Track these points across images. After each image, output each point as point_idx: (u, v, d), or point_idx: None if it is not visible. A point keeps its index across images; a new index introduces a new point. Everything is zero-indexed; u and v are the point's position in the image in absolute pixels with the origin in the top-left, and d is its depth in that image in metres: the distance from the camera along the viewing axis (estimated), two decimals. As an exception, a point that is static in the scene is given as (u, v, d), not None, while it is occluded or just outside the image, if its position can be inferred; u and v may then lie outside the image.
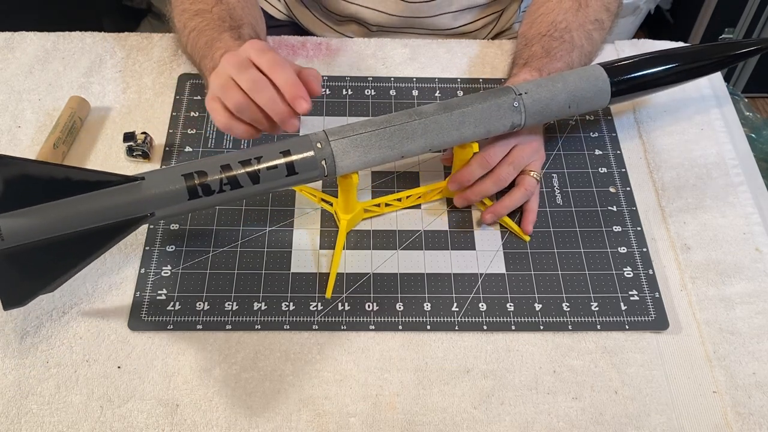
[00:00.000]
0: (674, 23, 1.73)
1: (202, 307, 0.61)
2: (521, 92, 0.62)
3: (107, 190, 0.54)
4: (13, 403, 0.55)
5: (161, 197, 0.54)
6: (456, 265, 0.64)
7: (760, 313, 0.62)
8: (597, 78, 0.65)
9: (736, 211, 0.69)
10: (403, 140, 0.59)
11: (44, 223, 0.52)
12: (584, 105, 0.65)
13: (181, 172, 0.55)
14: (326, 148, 0.57)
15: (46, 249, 0.53)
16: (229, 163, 0.55)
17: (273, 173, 0.56)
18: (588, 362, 0.59)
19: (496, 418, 0.56)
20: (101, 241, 0.54)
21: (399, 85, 0.78)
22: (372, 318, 0.61)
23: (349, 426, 0.55)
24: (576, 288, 0.63)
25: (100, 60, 0.79)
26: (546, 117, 0.64)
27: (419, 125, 0.59)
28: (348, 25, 0.90)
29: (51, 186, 0.53)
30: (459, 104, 0.61)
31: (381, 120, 0.59)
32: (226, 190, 0.55)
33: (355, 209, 0.64)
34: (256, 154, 0.56)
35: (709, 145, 0.74)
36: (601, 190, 0.70)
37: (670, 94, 0.78)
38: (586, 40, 0.72)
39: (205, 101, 0.60)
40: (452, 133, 0.60)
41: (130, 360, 0.58)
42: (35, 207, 0.52)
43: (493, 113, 0.61)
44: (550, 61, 0.69)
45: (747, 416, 0.57)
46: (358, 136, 0.58)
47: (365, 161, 0.58)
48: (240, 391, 0.56)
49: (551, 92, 0.63)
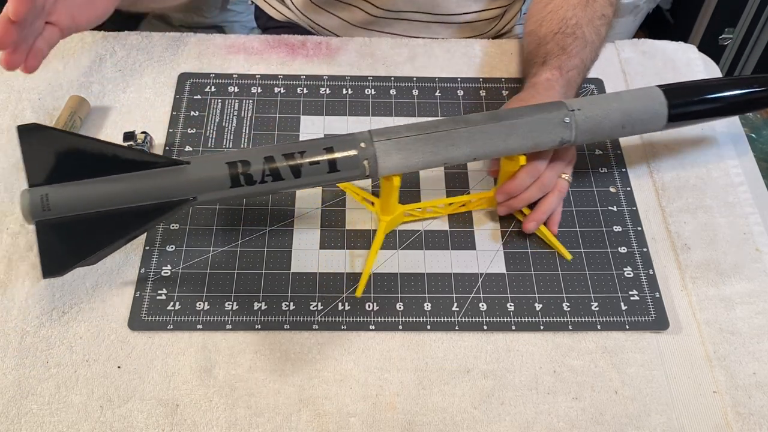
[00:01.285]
0: (674, 23, 1.73)
1: (202, 307, 0.61)
2: (574, 108, 0.61)
3: (154, 171, 0.55)
4: (13, 403, 0.55)
5: (204, 183, 0.56)
6: (456, 265, 0.64)
7: (760, 313, 0.62)
8: (654, 99, 0.63)
9: (736, 211, 0.69)
10: (448, 147, 0.59)
11: (90, 198, 0.54)
12: (638, 126, 0.64)
13: (226, 160, 0.56)
14: (369, 149, 0.57)
15: (90, 223, 0.55)
16: (272, 155, 0.56)
17: (315, 168, 0.57)
18: (588, 362, 0.59)
19: (496, 418, 0.56)
20: (143, 220, 0.56)
21: (399, 84, 0.78)
22: (372, 318, 0.61)
23: (349, 426, 0.55)
24: (576, 288, 0.63)
25: (100, 59, 0.79)
26: (597, 136, 0.63)
27: (465, 133, 0.59)
28: (352, 10, 0.88)
29: (100, 162, 0.55)
30: (508, 115, 0.60)
31: (427, 124, 0.59)
32: (267, 181, 0.56)
33: (395, 211, 0.64)
34: (300, 149, 0.57)
35: (709, 145, 0.74)
36: (602, 190, 0.70)
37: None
38: (595, 36, 0.72)
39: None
40: (498, 144, 0.59)
41: (130, 360, 0.58)
42: (83, 181, 0.54)
43: (542, 127, 0.60)
44: (568, 58, 0.69)
45: (747, 416, 0.57)
46: (402, 139, 0.58)
47: (408, 165, 0.58)
48: (240, 391, 0.56)
49: (605, 110, 0.61)
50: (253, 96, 0.76)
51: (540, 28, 0.74)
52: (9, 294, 0.61)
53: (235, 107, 0.75)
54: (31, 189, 0.54)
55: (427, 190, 0.69)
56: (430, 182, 0.70)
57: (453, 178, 0.70)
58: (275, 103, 0.76)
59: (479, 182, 0.70)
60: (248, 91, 0.77)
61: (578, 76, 0.70)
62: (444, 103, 0.77)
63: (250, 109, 0.75)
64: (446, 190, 0.69)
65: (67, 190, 0.54)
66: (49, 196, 0.53)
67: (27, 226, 0.65)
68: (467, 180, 0.70)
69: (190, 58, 0.79)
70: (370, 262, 0.63)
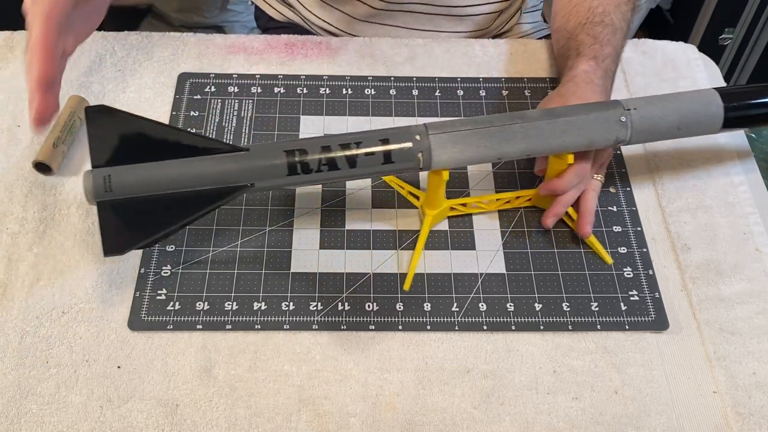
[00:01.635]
0: (674, 23, 1.73)
1: (202, 307, 0.61)
2: (630, 107, 0.61)
3: (214, 157, 0.57)
4: (13, 403, 0.55)
5: (263, 170, 0.57)
6: (456, 265, 0.64)
7: (760, 313, 0.62)
8: (710, 102, 0.63)
9: (736, 211, 0.69)
10: (503, 142, 0.59)
11: (152, 180, 0.56)
12: (694, 128, 0.63)
13: (284, 149, 0.57)
14: (424, 141, 0.58)
15: (149, 204, 0.56)
16: (329, 144, 0.57)
17: (370, 159, 0.57)
18: (588, 362, 0.59)
19: (496, 418, 0.56)
20: (202, 204, 0.57)
21: (399, 84, 0.78)
22: (372, 318, 0.61)
23: (349, 426, 0.55)
24: (576, 288, 0.63)
25: (99, 59, 0.79)
26: (653, 136, 0.62)
27: (521, 129, 0.59)
28: (354, 4, 0.88)
29: (162, 145, 0.56)
30: (564, 113, 0.60)
31: (482, 119, 0.59)
32: (323, 170, 0.57)
33: (441, 205, 0.65)
34: (356, 139, 0.58)
35: (709, 145, 0.74)
36: (601, 191, 0.70)
37: (669, 91, 0.78)
38: (623, 21, 0.72)
39: None
40: (553, 141, 0.60)
41: (130, 360, 0.58)
42: (145, 164, 0.56)
43: (599, 125, 0.60)
44: (601, 47, 0.69)
45: (747, 416, 0.57)
46: (457, 133, 0.58)
47: (462, 158, 0.59)
48: (240, 391, 0.56)
49: (662, 111, 0.61)
50: (253, 96, 0.76)
51: (567, 23, 0.74)
52: (9, 294, 0.61)
53: (234, 107, 0.75)
54: (94, 170, 0.55)
55: (476, 190, 0.70)
56: (476, 180, 0.70)
57: (501, 177, 0.71)
58: (275, 103, 0.76)
59: (527, 181, 0.71)
60: (248, 91, 0.77)
61: (613, 64, 0.70)
62: (444, 103, 0.77)
63: (250, 109, 0.75)
64: (495, 189, 0.70)
65: (129, 173, 0.55)
66: (112, 177, 0.55)
67: (27, 226, 0.65)
68: (516, 180, 0.70)
69: (190, 58, 0.79)
70: (416, 257, 0.63)
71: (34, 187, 0.68)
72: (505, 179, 0.71)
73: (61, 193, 0.67)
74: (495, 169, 0.71)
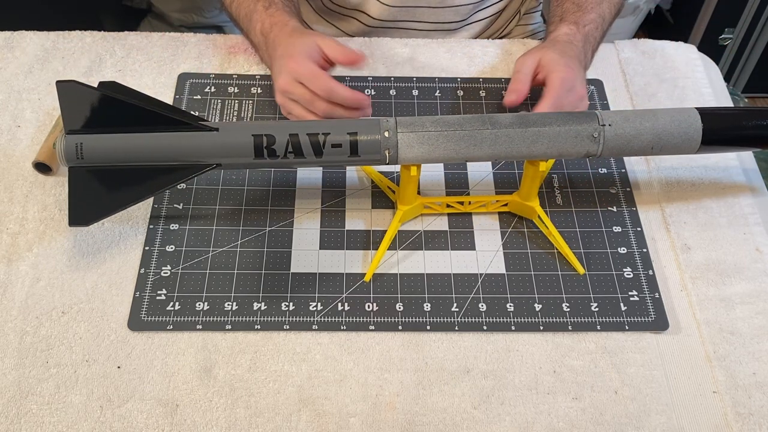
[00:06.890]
0: (674, 23, 1.73)
1: (202, 307, 0.61)
2: (605, 123, 0.60)
3: (185, 134, 0.58)
4: (13, 403, 0.55)
5: (230, 150, 0.58)
6: (456, 265, 0.64)
7: (760, 313, 0.62)
8: (690, 125, 0.61)
9: (736, 211, 0.69)
10: (471, 147, 0.59)
11: (125, 151, 0.58)
12: (668, 149, 0.62)
13: (252, 132, 0.58)
14: (392, 138, 0.59)
15: (118, 175, 0.58)
16: (297, 132, 0.58)
17: (336, 150, 0.59)
18: (588, 362, 0.59)
19: (496, 418, 0.56)
20: (168, 179, 0.59)
21: (399, 84, 0.78)
22: (372, 318, 0.60)
23: (349, 426, 0.55)
24: (576, 288, 0.63)
25: (99, 59, 0.79)
26: (624, 153, 0.62)
27: (490, 135, 0.59)
28: (349, 21, 0.90)
29: (136, 116, 0.58)
30: (536, 122, 0.60)
31: (454, 121, 0.60)
32: (289, 157, 0.59)
33: (413, 202, 0.65)
34: (324, 129, 0.59)
35: (709, 145, 0.74)
36: (601, 191, 0.70)
37: (668, 91, 0.79)
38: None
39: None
40: (522, 150, 0.60)
41: (129, 360, 0.58)
42: (116, 135, 0.58)
43: (569, 138, 0.60)
44: (583, 14, 0.74)
45: (747, 416, 0.57)
46: (426, 133, 0.59)
47: (428, 158, 0.60)
48: (240, 391, 0.56)
49: (637, 129, 0.60)
50: (252, 96, 0.76)
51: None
52: (9, 294, 0.61)
53: (234, 108, 0.75)
54: (67, 136, 0.58)
55: (476, 190, 0.70)
56: (477, 180, 0.71)
57: (501, 178, 0.71)
58: (275, 103, 0.75)
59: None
60: (248, 92, 0.77)
61: (596, 29, 0.74)
62: (444, 103, 0.77)
63: (250, 110, 0.75)
64: (495, 190, 0.70)
65: (101, 141, 0.58)
66: (83, 145, 0.57)
67: (27, 226, 0.65)
68: (516, 181, 0.70)
69: (189, 59, 0.79)
70: (383, 246, 0.63)
71: (34, 187, 0.68)
72: (506, 180, 0.71)
73: (61, 193, 0.67)
74: (495, 169, 0.71)
